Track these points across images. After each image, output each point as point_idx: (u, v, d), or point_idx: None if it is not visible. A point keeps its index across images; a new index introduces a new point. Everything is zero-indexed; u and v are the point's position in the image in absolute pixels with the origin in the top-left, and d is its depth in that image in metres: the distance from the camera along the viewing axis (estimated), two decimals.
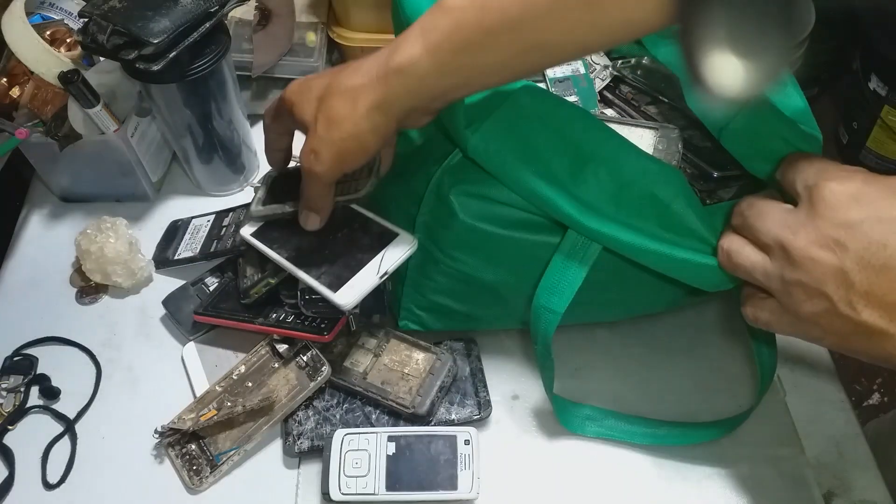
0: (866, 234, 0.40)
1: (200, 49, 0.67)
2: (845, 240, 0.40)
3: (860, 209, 0.40)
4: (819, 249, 0.41)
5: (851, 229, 0.40)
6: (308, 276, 0.60)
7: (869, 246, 0.39)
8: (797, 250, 0.42)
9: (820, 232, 0.41)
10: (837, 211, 0.41)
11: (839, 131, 1.80)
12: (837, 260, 0.40)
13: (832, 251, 0.40)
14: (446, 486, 0.58)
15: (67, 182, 0.79)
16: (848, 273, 0.40)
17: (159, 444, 0.63)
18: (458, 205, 0.56)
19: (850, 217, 0.40)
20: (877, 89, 1.60)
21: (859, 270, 0.40)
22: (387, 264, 0.59)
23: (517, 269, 0.58)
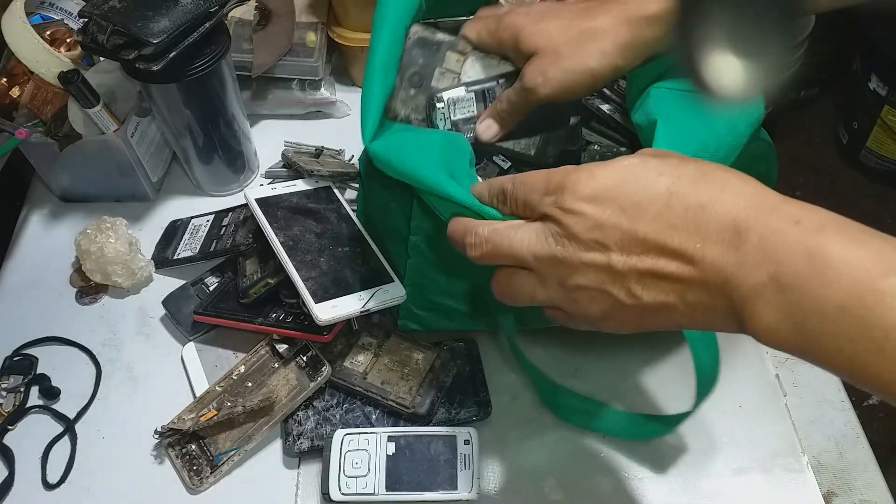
0: (618, 226, 0.41)
1: (200, 49, 0.67)
2: (603, 238, 0.41)
3: (605, 205, 0.41)
4: (586, 254, 0.42)
5: (604, 227, 0.41)
6: (296, 274, 0.61)
7: (624, 236, 0.41)
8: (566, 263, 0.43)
9: (579, 241, 0.42)
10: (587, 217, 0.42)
11: (839, 131, 1.80)
12: (605, 259, 0.42)
13: (597, 253, 0.42)
14: (446, 486, 0.58)
15: (67, 182, 0.79)
16: (616, 266, 0.41)
17: (159, 444, 0.63)
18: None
19: (599, 217, 0.41)
20: (877, 89, 1.60)
21: (625, 261, 0.41)
22: (372, 303, 0.61)
23: None
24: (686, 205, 0.40)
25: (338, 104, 0.87)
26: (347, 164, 0.80)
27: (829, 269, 0.35)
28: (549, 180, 0.44)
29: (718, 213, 0.39)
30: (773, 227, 0.37)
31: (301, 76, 0.85)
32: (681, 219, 0.40)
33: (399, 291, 0.62)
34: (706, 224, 0.39)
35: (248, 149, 0.80)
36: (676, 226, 0.40)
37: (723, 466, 0.62)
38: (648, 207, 0.40)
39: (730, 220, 0.38)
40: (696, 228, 0.39)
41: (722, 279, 0.38)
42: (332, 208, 0.70)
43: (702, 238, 0.39)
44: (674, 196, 0.40)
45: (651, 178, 0.41)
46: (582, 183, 0.42)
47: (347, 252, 0.65)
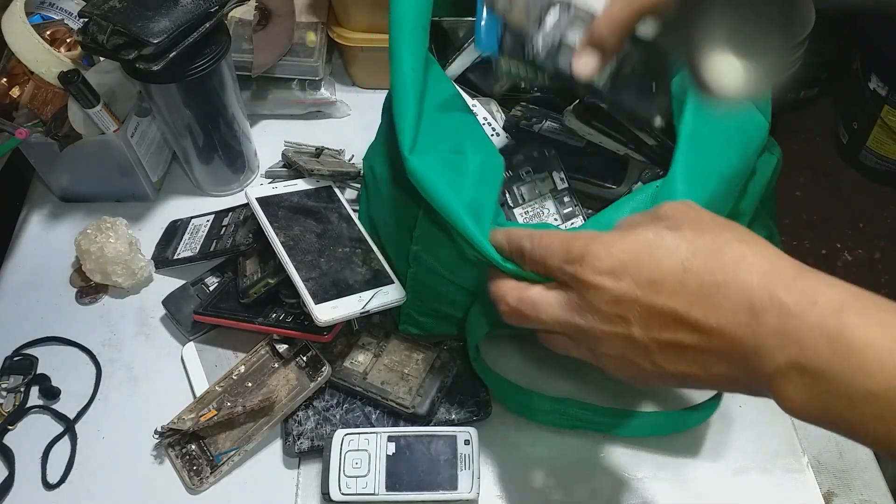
0: (636, 302, 0.41)
1: (200, 49, 0.67)
2: (623, 312, 0.42)
3: (621, 281, 0.42)
4: (608, 326, 0.43)
5: (622, 303, 0.42)
6: (296, 274, 0.61)
7: (643, 312, 0.41)
8: (589, 332, 0.44)
9: (600, 312, 0.43)
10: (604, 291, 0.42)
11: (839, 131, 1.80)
12: (626, 331, 0.42)
13: (618, 325, 0.42)
14: (446, 486, 0.58)
15: (67, 182, 0.79)
16: (638, 339, 0.42)
17: (159, 444, 0.63)
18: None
19: (617, 292, 0.42)
20: (877, 89, 1.60)
21: (646, 335, 0.42)
22: (372, 305, 0.61)
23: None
24: (700, 282, 0.40)
25: (338, 104, 0.87)
26: (348, 164, 0.80)
27: (853, 355, 0.35)
28: (569, 249, 0.44)
29: (733, 291, 0.39)
30: (790, 308, 0.37)
31: (301, 76, 0.85)
32: (696, 296, 0.40)
33: (399, 293, 0.62)
34: (721, 303, 0.39)
35: (248, 149, 0.80)
36: (692, 303, 0.40)
37: (723, 466, 0.62)
38: (664, 283, 0.40)
39: (745, 300, 0.38)
40: (712, 307, 0.39)
41: (742, 356, 0.38)
42: (332, 208, 0.70)
43: (718, 316, 0.39)
44: (688, 272, 0.40)
45: (665, 254, 0.41)
46: (599, 257, 0.43)
47: (348, 253, 0.65)
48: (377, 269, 0.64)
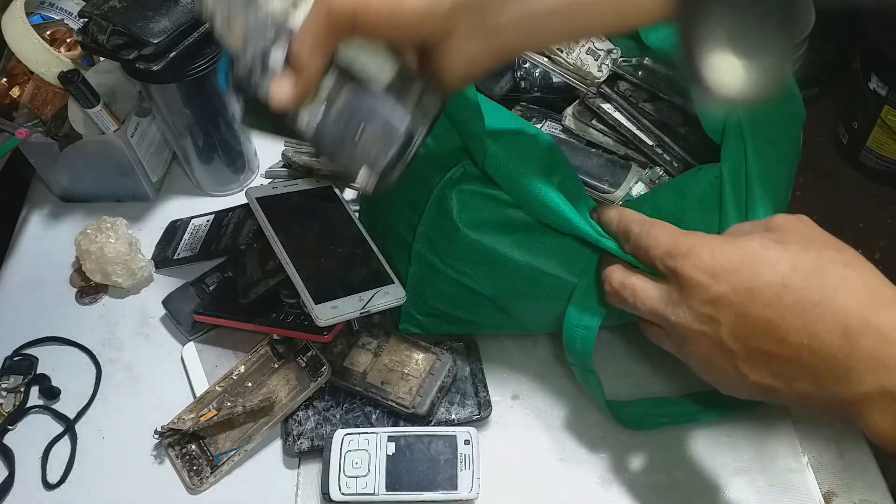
0: (731, 306, 0.42)
1: (200, 49, 0.67)
2: (716, 314, 0.43)
3: (719, 284, 0.43)
4: (698, 325, 0.44)
5: (717, 305, 0.43)
6: (296, 274, 0.61)
7: (735, 317, 0.42)
8: (679, 328, 0.45)
9: (693, 311, 0.44)
10: (701, 290, 0.43)
11: (839, 131, 1.80)
12: (715, 333, 0.43)
13: (708, 325, 0.43)
14: (446, 486, 0.58)
15: (67, 182, 0.79)
16: (726, 343, 0.43)
17: (159, 444, 0.63)
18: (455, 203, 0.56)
19: (713, 293, 0.43)
20: (877, 89, 1.60)
21: (734, 340, 0.42)
22: (372, 305, 0.60)
23: (519, 287, 0.58)
24: (797, 299, 0.40)
25: None
26: None
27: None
28: (676, 243, 0.46)
29: (830, 312, 0.39)
30: (886, 334, 0.37)
31: None
32: (791, 312, 0.40)
33: (399, 293, 0.62)
34: (815, 322, 0.39)
35: (248, 149, 0.80)
36: (786, 317, 0.40)
37: (723, 466, 0.62)
38: (761, 293, 0.41)
39: (840, 322, 0.38)
40: (805, 324, 0.39)
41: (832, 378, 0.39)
42: (332, 208, 0.70)
43: (810, 335, 0.39)
44: (786, 288, 0.40)
45: (767, 265, 0.42)
46: (703, 257, 0.44)
47: (348, 252, 0.65)
48: (377, 269, 0.64)
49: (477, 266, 0.58)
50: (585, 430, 0.64)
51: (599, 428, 0.64)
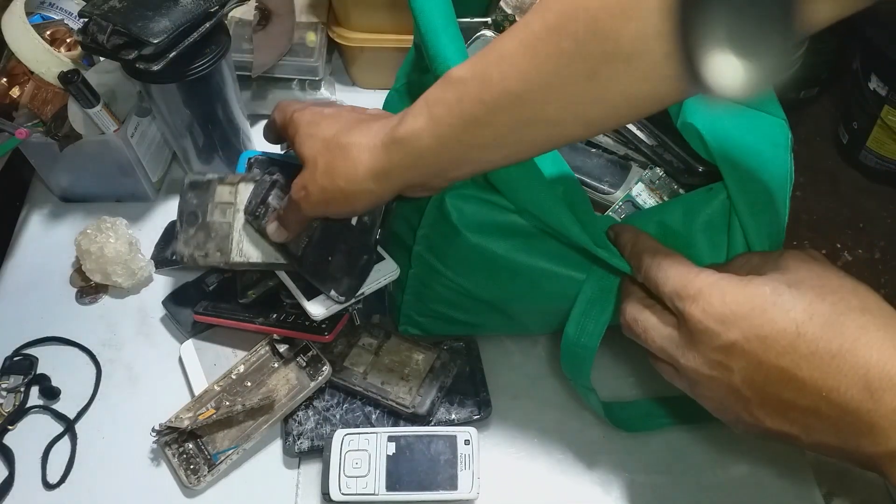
0: (743, 354, 0.41)
1: (200, 49, 0.67)
2: (727, 361, 0.41)
3: (730, 331, 0.41)
4: (709, 370, 0.43)
5: (729, 352, 0.41)
6: (286, 276, 0.61)
7: (748, 365, 0.41)
8: (690, 371, 0.44)
9: (704, 356, 0.43)
10: (712, 337, 0.42)
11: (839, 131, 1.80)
12: (727, 379, 0.42)
13: (720, 372, 0.42)
14: (446, 486, 0.58)
15: (67, 182, 0.79)
16: (740, 390, 0.41)
17: (156, 442, 0.63)
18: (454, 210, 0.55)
19: (724, 341, 0.41)
20: (877, 89, 1.60)
21: (748, 387, 0.41)
22: (365, 286, 0.59)
23: (519, 291, 0.58)
24: (814, 349, 0.38)
25: (338, 104, 0.87)
26: None
27: None
28: (686, 284, 0.44)
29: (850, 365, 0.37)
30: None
31: (301, 76, 0.85)
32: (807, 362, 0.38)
33: (391, 267, 0.61)
34: (834, 375, 0.37)
35: (248, 149, 0.80)
36: (802, 367, 0.39)
37: (723, 466, 0.62)
38: (775, 342, 0.39)
39: (861, 376, 0.37)
40: (824, 376, 0.38)
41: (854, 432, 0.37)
42: None
43: (829, 388, 0.38)
44: (802, 337, 0.39)
45: (780, 313, 0.40)
46: (714, 303, 0.42)
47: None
48: None
49: (477, 269, 0.58)
50: (585, 429, 0.64)
51: (599, 428, 0.64)
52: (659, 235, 0.53)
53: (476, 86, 0.43)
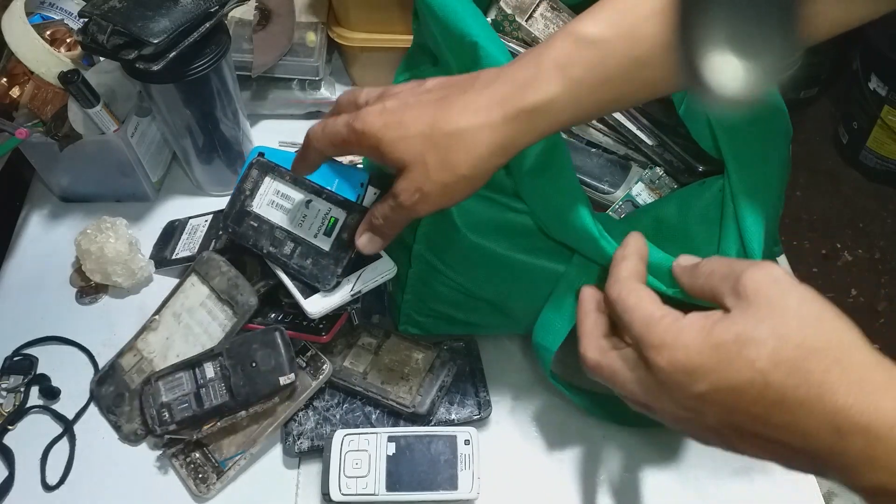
0: (714, 403, 0.41)
1: (200, 49, 0.67)
2: (700, 407, 0.41)
3: (699, 383, 0.41)
4: (683, 412, 0.43)
5: (701, 400, 0.41)
6: (282, 272, 0.61)
7: (721, 411, 0.41)
8: (665, 414, 0.44)
9: (675, 403, 0.42)
10: (681, 388, 0.41)
11: (839, 131, 1.80)
12: (702, 421, 0.42)
13: (694, 415, 0.42)
14: (446, 486, 0.58)
15: (67, 182, 0.79)
16: (716, 428, 0.42)
17: (162, 455, 0.63)
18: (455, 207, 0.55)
19: (694, 391, 0.41)
20: (877, 89, 1.61)
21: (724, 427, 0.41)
22: (361, 284, 0.60)
23: (519, 290, 0.58)
24: (782, 397, 0.38)
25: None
26: None
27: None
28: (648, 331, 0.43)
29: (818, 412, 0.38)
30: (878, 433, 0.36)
31: (301, 76, 0.85)
32: (777, 408, 0.39)
33: (387, 265, 0.61)
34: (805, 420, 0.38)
35: (247, 149, 0.80)
36: (773, 413, 0.39)
37: (723, 466, 0.62)
38: (744, 393, 0.39)
39: (829, 422, 0.37)
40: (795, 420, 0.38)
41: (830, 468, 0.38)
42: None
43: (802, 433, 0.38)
44: (769, 387, 0.39)
45: (746, 364, 0.39)
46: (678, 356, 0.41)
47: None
48: None
49: (477, 268, 0.58)
50: (585, 429, 0.64)
51: (600, 428, 0.64)
52: (655, 230, 0.53)
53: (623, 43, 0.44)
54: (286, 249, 0.60)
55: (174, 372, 0.62)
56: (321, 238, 0.60)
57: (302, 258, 0.60)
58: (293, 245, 0.60)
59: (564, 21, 0.65)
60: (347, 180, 0.63)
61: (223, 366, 0.60)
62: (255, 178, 0.64)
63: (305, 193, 0.61)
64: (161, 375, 0.62)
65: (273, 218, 0.62)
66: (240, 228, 0.63)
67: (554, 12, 0.65)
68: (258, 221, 0.62)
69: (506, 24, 0.64)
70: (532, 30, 0.64)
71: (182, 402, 0.60)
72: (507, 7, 0.63)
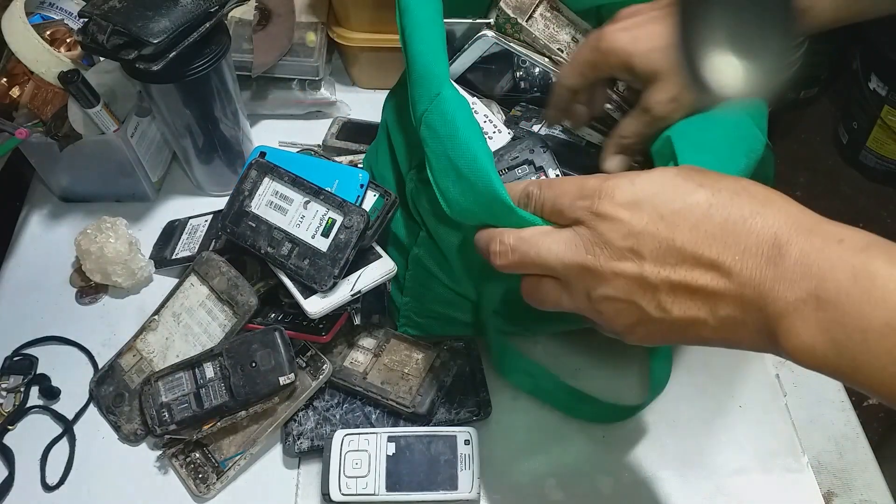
0: (654, 236, 0.40)
1: (200, 49, 0.67)
2: (637, 247, 0.40)
3: (640, 214, 0.40)
4: (617, 262, 0.41)
5: (639, 237, 0.40)
6: (283, 275, 0.61)
7: (660, 245, 0.40)
8: (594, 272, 0.42)
9: (612, 247, 0.41)
10: (622, 224, 0.41)
11: (839, 131, 1.80)
12: (636, 269, 0.41)
13: (630, 261, 0.41)
14: (446, 486, 0.58)
15: (67, 182, 0.79)
16: (648, 278, 0.40)
17: (162, 455, 0.63)
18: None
19: (635, 225, 0.40)
20: (877, 89, 1.61)
21: (658, 272, 0.40)
22: (361, 283, 0.60)
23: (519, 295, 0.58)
24: (725, 216, 0.39)
25: (338, 104, 0.87)
26: None
27: (876, 288, 0.34)
28: (584, 185, 0.43)
29: (758, 226, 0.38)
30: (815, 243, 0.37)
31: (301, 76, 0.85)
32: (719, 230, 0.39)
33: (388, 265, 0.61)
34: (745, 236, 0.38)
35: (248, 149, 0.80)
36: (715, 236, 0.39)
37: (723, 466, 0.62)
38: (687, 217, 0.40)
39: (770, 234, 0.38)
40: (735, 240, 0.38)
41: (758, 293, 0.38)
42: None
43: (740, 251, 0.38)
44: (713, 206, 0.39)
45: (691, 188, 0.40)
46: (620, 189, 0.41)
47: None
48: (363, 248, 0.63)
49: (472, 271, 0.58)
50: (585, 429, 0.64)
51: (600, 428, 0.64)
52: None
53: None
54: (284, 250, 0.60)
55: (174, 372, 0.62)
56: (319, 239, 0.60)
57: (299, 259, 0.60)
58: (291, 245, 0.60)
59: (564, 21, 0.65)
60: (347, 181, 0.62)
61: (223, 366, 0.60)
62: (254, 178, 0.64)
63: (304, 194, 0.61)
64: (161, 375, 0.62)
65: (271, 218, 0.62)
66: (238, 229, 0.63)
67: (553, 12, 0.65)
68: (256, 222, 0.62)
69: (507, 27, 0.64)
70: (532, 30, 0.64)
71: (182, 402, 0.60)
72: (508, 8, 0.63)
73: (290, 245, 0.60)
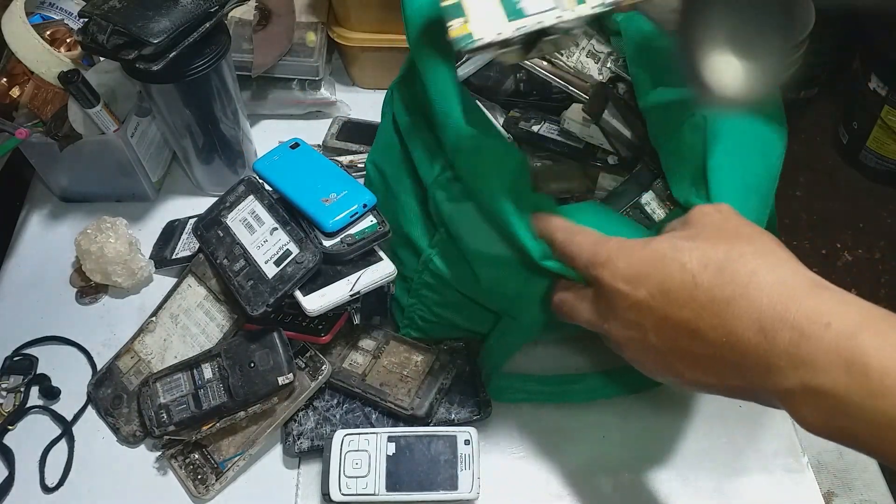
0: (651, 311, 0.42)
1: (200, 49, 0.67)
2: (639, 320, 0.43)
3: (637, 290, 0.43)
4: (626, 331, 0.44)
5: (639, 310, 0.43)
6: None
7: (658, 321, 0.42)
8: (612, 335, 0.46)
9: (620, 318, 0.44)
10: (623, 298, 0.43)
11: (839, 131, 1.80)
12: (643, 338, 0.43)
13: (635, 331, 0.44)
14: (446, 486, 0.58)
15: (67, 182, 0.79)
16: (655, 346, 0.43)
17: (161, 457, 0.63)
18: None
19: (633, 300, 0.43)
20: (877, 89, 1.60)
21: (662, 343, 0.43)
22: (361, 285, 0.60)
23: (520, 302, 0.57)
24: (711, 298, 0.40)
25: (338, 104, 0.87)
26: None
27: (872, 381, 0.34)
28: (596, 252, 0.46)
29: (743, 309, 0.39)
30: (802, 330, 0.37)
31: (301, 76, 0.85)
32: (706, 310, 0.40)
33: (388, 268, 0.61)
34: (731, 320, 0.39)
35: (248, 149, 0.80)
36: (703, 316, 0.40)
37: (723, 466, 0.62)
38: (677, 296, 0.41)
39: (754, 320, 0.38)
40: (722, 322, 0.39)
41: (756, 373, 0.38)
42: None
43: (728, 333, 0.39)
44: (699, 287, 0.40)
45: (677, 266, 0.41)
46: (620, 265, 0.44)
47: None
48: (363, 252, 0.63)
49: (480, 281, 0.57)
50: (585, 429, 0.64)
51: (600, 428, 0.64)
52: None
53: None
54: (236, 266, 0.62)
55: (172, 373, 0.62)
56: (269, 266, 0.61)
57: (245, 278, 0.61)
58: (244, 263, 0.62)
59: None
60: (353, 196, 0.63)
61: (221, 366, 0.60)
62: (239, 193, 0.66)
63: (275, 221, 0.63)
64: (159, 377, 0.62)
65: (239, 234, 0.64)
66: (207, 234, 0.65)
67: None
68: (225, 233, 0.64)
69: None
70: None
71: (180, 403, 0.60)
72: None
73: (244, 263, 0.62)
